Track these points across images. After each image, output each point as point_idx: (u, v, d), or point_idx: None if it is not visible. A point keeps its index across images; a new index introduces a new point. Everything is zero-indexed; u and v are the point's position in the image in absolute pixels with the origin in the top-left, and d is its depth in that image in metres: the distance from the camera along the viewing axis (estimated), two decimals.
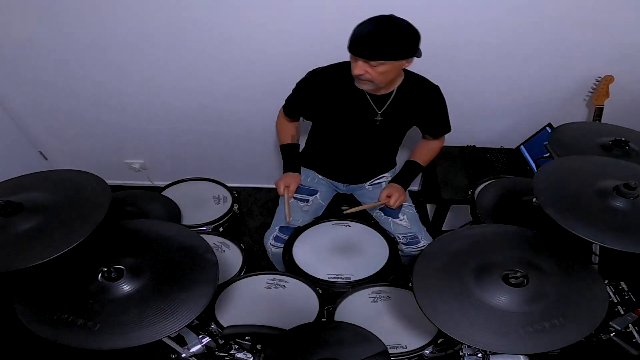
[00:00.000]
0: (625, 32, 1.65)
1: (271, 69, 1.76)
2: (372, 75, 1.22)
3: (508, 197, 1.49)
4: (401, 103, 1.40)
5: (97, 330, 0.83)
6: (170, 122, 2.07)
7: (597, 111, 1.80)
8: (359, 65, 1.21)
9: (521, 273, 0.92)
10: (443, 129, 1.54)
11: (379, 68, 1.20)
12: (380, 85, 1.28)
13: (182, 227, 1.10)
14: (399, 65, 1.24)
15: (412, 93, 1.40)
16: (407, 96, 1.40)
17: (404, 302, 1.35)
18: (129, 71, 1.84)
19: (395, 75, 1.31)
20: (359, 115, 1.42)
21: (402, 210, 1.55)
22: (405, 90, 1.39)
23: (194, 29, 1.67)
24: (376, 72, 1.21)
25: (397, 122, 1.46)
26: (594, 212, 0.97)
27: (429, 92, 1.43)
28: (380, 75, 1.23)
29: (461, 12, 1.60)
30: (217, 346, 1.16)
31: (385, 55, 1.18)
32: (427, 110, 1.45)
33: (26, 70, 1.84)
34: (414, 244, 1.51)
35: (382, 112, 1.41)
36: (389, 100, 1.39)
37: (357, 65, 1.22)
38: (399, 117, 1.44)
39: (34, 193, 1.01)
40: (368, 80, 1.25)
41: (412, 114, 1.45)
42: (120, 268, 0.92)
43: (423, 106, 1.44)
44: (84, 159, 2.28)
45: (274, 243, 1.53)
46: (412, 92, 1.40)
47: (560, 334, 0.84)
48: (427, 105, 1.44)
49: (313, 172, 1.67)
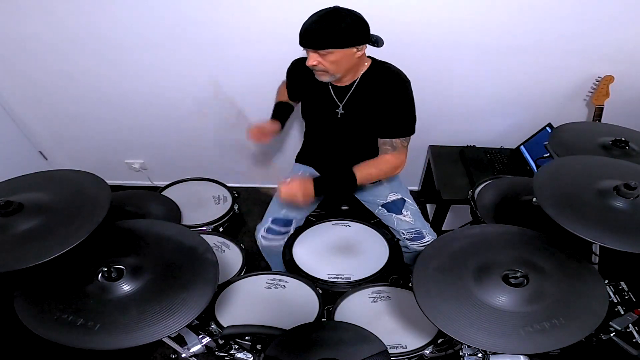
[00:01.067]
0: (625, 32, 1.65)
1: (272, 70, 1.76)
2: (324, 65, 1.25)
3: (508, 197, 1.49)
4: (362, 94, 1.37)
5: (97, 330, 0.83)
6: (170, 122, 2.07)
7: (597, 111, 1.80)
8: (311, 56, 1.25)
9: (521, 273, 0.92)
10: (397, 129, 1.36)
11: (329, 57, 1.23)
12: (337, 75, 1.29)
13: (182, 227, 1.10)
14: (349, 53, 1.24)
15: (373, 83, 1.35)
16: (369, 87, 1.36)
17: (404, 302, 1.35)
18: (129, 71, 1.84)
19: (351, 64, 1.29)
20: (323, 107, 1.43)
21: (406, 206, 1.56)
22: (368, 81, 1.36)
23: (194, 29, 1.67)
24: (328, 61, 1.24)
25: (359, 114, 1.40)
26: (594, 212, 0.97)
27: (393, 85, 1.32)
28: (333, 64, 1.24)
29: (461, 12, 1.60)
30: (217, 346, 1.16)
31: (330, 43, 1.20)
32: (385, 103, 1.33)
33: (26, 70, 1.84)
34: (418, 239, 1.51)
35: (343, 104, 1.40)
36: (349, 92, 1.38)
37: (310, 57, 1.25)
38: (360, 109, 1.38)
39: (34, 193, 1.01)
40: (323, 71, 1.27)
41: (374, 107, 1.36)
42: (120, 268, 0.92)
43: (384, 99, 1.33)
44: (84, 159, 2.28)
45: (265, 234, 1.53)
46: (373, 82, 1.35)
47: (560, 334, 0.84)
48: (388, 99, 1.32)
49: (310, 168, 1.68)
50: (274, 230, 1.52)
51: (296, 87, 1.52)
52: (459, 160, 2.05)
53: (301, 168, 1.69)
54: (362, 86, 1.37)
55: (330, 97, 1.41)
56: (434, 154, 2.11)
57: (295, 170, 1.69)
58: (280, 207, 1.56)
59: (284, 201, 1.34)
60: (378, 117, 1.38)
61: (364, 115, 1.40)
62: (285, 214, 1.54)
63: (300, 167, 1.70)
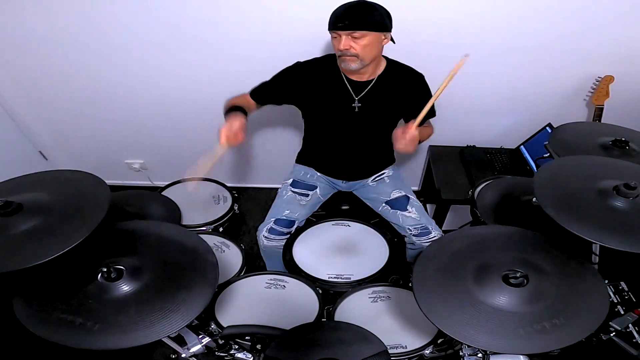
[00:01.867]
0: (625, 32, 1.65)
1: (272, 70, 1.76)
2: (356, 49, 1.27)
3: (508, 197, 1.49)
4: (381, 90, 1.43)
5: (97, 330, 0.83)
6: (170, 122, 2.07)
7: (597, 111, 1.80)
8: (343, 40, 1.27)
9: (521, 273, 0.92)
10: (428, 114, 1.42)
11: (362, 40, 1.26)
12: (365, 61, 1.32)
13: (182, 228, 1.10)
14: (379, 40, 1.29)
15: (393, 80, 1.43)
16: (388, 84, 1.43)
17: (404, 302, 1.35)
18: (129, 71, 1.84)
19: (377, 53, 1.34)
20: (337, 101, 1.45)
21: (410, 203, 1.58)
22: (387, 78, 1.43)
23: (194, 29, 1.67)
24: (360, 45, 1.27)
25: (377, 109, 1.46)
26: (594, 212, 0.97)
27: (412, 79, 1.46)
28: (365, 48, 1.28)
29: (461, 13, 1.60)
30: (217, 346, 1.16)
31: (367, 25, 1.24)
32: (411, 98, 1.46)
33: (26, 70, 1.84)
34: (425, 235, 1.52)
35: (360, 98, 1.43)
36: (368, 86, 1.42)
37: (341, 41, 1.27)
38: (378, 104, 1.45)
39: (34, 193, 1.00)
40: (353, 56, 1.29)
41: (393, 102, 1.46)
42: (120, 268, 0.92)
43: (406, 94, 1.45)
44: (84, 159, 2.28)
45: (267, 235, 1.53)
46: (394, 79, 1.43)
47: (560, 334, 0.83)
48: (411, 93, 1.46)
49: (312, 169, 1.68)
50: (276, 230, 1.53)
51: (292, 89, 1.48)
52: (459, 160, 2.05)
53: (302, 169, 1.69)
54: (381, 82, 1.42)
55: (346, 92, 1.43)
56: (434, 154, 2.11)
57: (296, 170, 1.69)
58: (283, 207, 1.56)
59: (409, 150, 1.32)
60: (400, 111, 1.50)
61: (383, 108, 1.47)
62: (287, 214, 1.54)
63: (301, 167, 1.69)
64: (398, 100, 1.45)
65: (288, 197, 1.60)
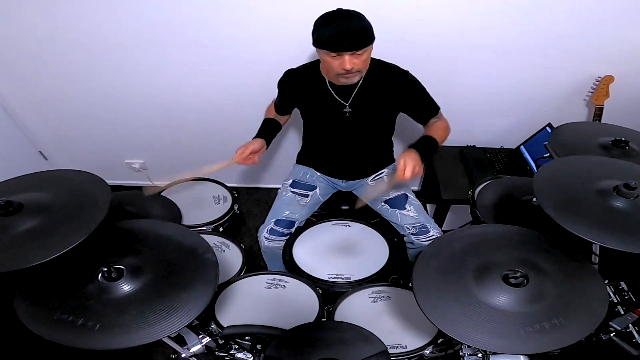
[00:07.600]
0: (625, 32, 1.65)
1: (272, 70, 1.76)
2: (359, 65, 1.27)
3: (508, 197, 1.49)
4: (369, 92, 1.41)
5: (97, 330, 0.83)
6: (171, 122, 2.07)
7: (597, 111, 1.80)
8: (347, 60, 1.24)
9: (521, 273, 0.92)
10: (429, 111, 1.48)
11: (363, 56, 1.26)
12: (364, 72, 1.33)
13: (182, 227, 1.10)
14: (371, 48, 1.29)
15: (379, 80, 1.41)
16: (375, 84, 1.41)
17: (404, 302, 1.35)
18: (129, 71, 1.84)
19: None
20: (328, 108, 1.44)
21: (409, 202, 1.57)
22: (373, 78, 1.41)
23: (194, 29, 1.67)
24: (361, 60, 1.27)
25: (368, 111, 1.45)
26: (594, 212, 0.97)
27: (398, 78, 1.41)
28: (365, 62, 1.29)
29: (461, 13, 1.60)
30: (217, 346, 1.16)
31: (367, 41, 1.23)
32: (399, 96, 1.42)
33: (26, 70, 1.84)
34: (423, 234, 1.51)
35: (349, 103, 1.42)
36: (354, 90, 1.41)
37: (345, 60, 1.24)
38: (369, 106, 1.44)
39: (34, 193, 1.01)
40: (357, 72, 1.29)
41: (383, 102, 1.44)
42: (120, 268, 0.92)
43: (394, 92, 1.42)
44: (84, 159, 2.28)
45: (268, 236, 1.53)
46: (380, 79, 1.41)
47: (560, 334, 0.84)
48: (398, 91, 1.41)
49: (311, 169, 1.68)
50: (277, 231, 1.53)
51: (291, 97, 1.52)
52: (459, 160, 2.05)
53: (302, 169, 1.69)
54: (367, 83, 1.40)
55: (332, 99, 1.42)
56: None
57: (296, 171, 1.69)
58: (283, 208, 1.57)
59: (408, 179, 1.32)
60: (389, 109, 1.48)
61: (374, 110, 1.46)
62: (288, 215, 1.54)
63: (301, 168, 1.70)
64: (387, 100, 1.43)
65: (288, 197, 1.60)
